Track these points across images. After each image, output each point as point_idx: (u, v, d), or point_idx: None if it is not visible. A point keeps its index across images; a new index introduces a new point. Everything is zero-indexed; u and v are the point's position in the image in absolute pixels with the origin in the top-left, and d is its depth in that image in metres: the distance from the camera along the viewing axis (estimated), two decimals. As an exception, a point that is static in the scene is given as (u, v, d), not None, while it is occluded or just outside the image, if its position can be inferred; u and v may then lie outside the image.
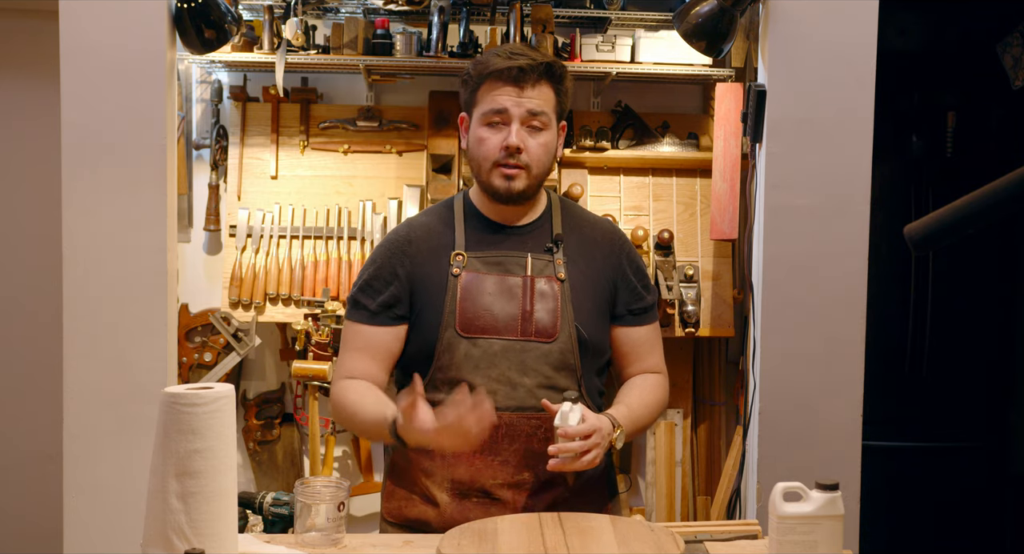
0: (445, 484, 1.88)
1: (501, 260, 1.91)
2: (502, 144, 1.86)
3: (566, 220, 1.98)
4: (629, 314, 1.98)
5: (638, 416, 1.91)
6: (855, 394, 2.69)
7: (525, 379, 1.85)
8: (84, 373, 2.54)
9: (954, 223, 1.53)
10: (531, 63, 1.87)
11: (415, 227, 1.98)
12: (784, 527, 1.52)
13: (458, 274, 1.89)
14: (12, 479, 3.52)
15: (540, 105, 1.88)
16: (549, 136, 1.91)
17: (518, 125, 1.87)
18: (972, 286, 3.53)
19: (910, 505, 3.48)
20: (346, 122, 3.22)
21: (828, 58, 2.66)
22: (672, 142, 3.24)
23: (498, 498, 1.86)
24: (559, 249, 1.93)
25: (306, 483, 1.68)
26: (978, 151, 3.49)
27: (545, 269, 1.91)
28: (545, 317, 1.87)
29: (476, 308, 1.86)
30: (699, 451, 3.33)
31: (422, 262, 1.92)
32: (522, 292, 1.88)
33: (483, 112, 1.89)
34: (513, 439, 1.84)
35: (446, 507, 1.87)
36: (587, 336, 1.89)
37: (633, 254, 2.02)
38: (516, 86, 1.87)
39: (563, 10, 3.08)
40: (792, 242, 2.68)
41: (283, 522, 2.53)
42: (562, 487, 1.88)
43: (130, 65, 2.52)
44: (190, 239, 3.28)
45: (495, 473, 1.85)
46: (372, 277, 1.93)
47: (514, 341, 1.86)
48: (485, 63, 1.91)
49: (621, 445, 1.83)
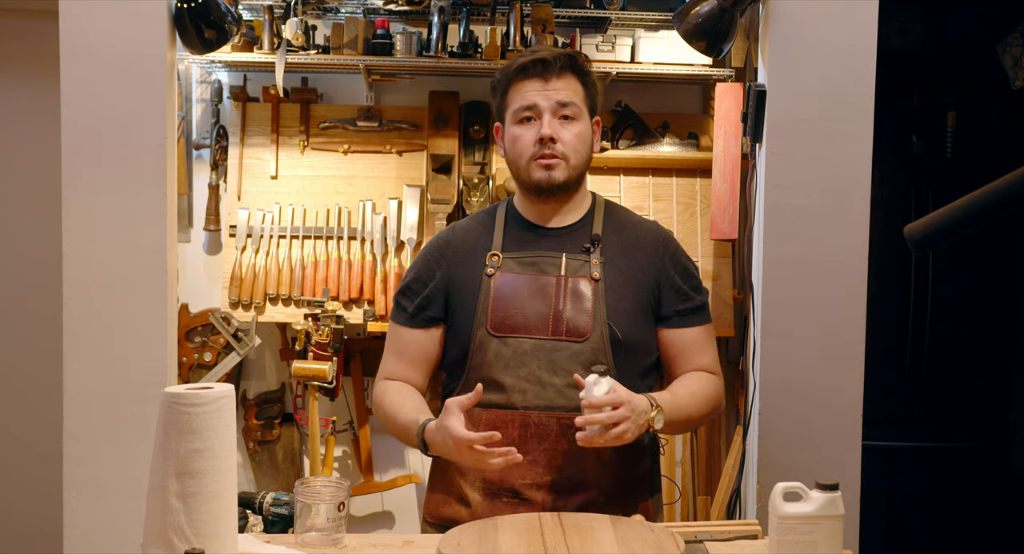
0: (477, 484, 1.89)
1: (536, 260, 1.92)
2: (536, 138, 1.88)
3: (609, 222, 1.98)
4: (676, 315, 1.96)
5: (683, 403, 1.87)
6: (855, 394, 2.69)
7: (555, 378, 1.85)
8: (84, 373, 2.54)
9: (954, 223, 1.53)
10: (553, 54, 1.90)
11: (457, 230, 2.02)
12: (784, 527, 1.52)
13: (492, 274, 1.91)
14: (12, 479, 3.52)
15: (568, 96, 1.90)
16: (582, 126, 1.92)
17: (550, 116, 1.88)
18: (972, 286, 3.53)
19: (910, 505, 3.48)
20: (346, 122, 3.22)
21: (828, 58, 2.66)
22: (672, 142, 3.24)
23: (527, 498, 1.85)
24: (596, 249, 1.93)
25: (306, 483, 1.68)
26: (978, 151, 3.49)
27: (580, 269, 1.91)
28: (577, 317, 1.87)
29: (508, 307, 1.88)
30: (699, 451, 3.33)
31: (459, 263, 1.95)
32: (555, 292, 1.89)
33: (514, 111, 1.92)
34: (542, 439, 1.84)
35: (477, 507, 1.88)
36: (621, 335, 1.88)
37: (680, 256, 2.00)
38: (542, 79, 1.89)
39: (563, 10, 3.08)
40: (792, 242, 2.68)
41: (283, 522, 2.53)
42: (595, 489, 1.86)
43: (130, 65, 2.52)
44: (190, 239, 3.28)
45: (524, 473, 1.85)
46: (412, 280, 1.98)
47: (545, 340, 1.86)
48: (510, 65, 1.94)
49: (660, 427, 1.79)
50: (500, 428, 1.83)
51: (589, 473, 1.85)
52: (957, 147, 3.49)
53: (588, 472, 1.85)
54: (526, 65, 1.90)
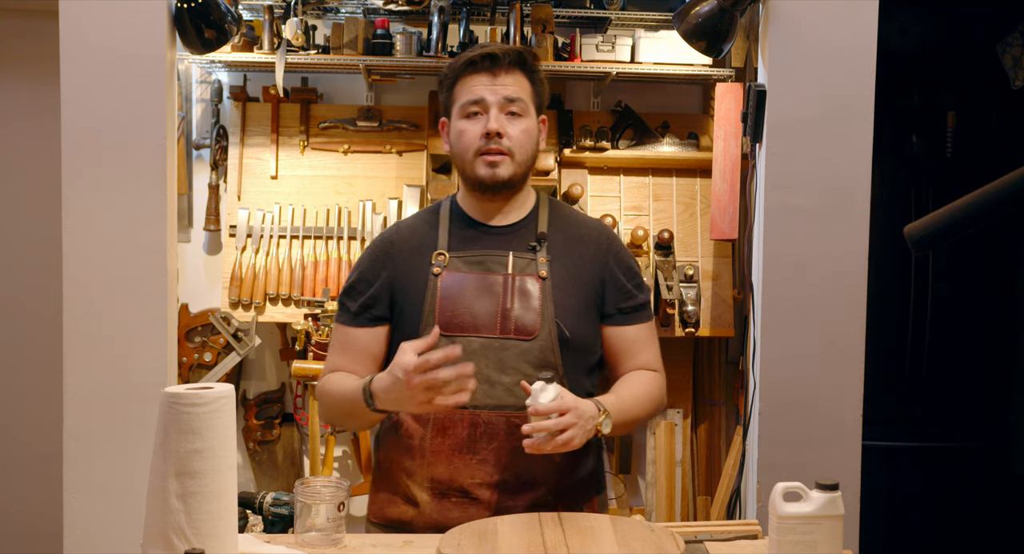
0: (425, 483, 1.87)
1: (482, 259, 1.91)
2: (482, 131, 1.87)
3: (553, 220, 1.98)
4: (619, 313, 1.96)
5: (628, 405, 1.88)
6: (855, 394, 2.69)
7: (503, 377, 1.84)
8: (84, 373, 2.54)
9: (954, 223, 1.53)
10: (502, 50, 1.89)
11: (400, 229, 2.00)
12: (784, 527, 1.52)
13: (439, 273, 1.89)
14: (12, 479, 3.52)
15: (516, 92, 1.89)
16: (529, 123, 1.91)
17: (496, 111, 1.87)
18: (972, 286, 3.53)
19: (910, 505, 3.48)
20: (346, 122, 3.22)
21: (828, 58, 2.66)
22: (672, 142, 3.24)
23: (476, 498, 1.84)
24: (542, 247, 1.92)
25: (306, 483, 1.68)
26: (978, 151, 3.49)
27: (527, 267, 1.90)
28: (525, 315, 1.86)
29: (455, 306, 1.86)
30: (699, 451, 3.33)
31: (404, 262, 1.92)
32: (502, 290, 1.88)
33: (461, 105, 1.90)
34: (492, 438, 1.83)
35: (425, 507, 1.86)
36: (569, 333, 1.88)
37: (623, 253, 2.00)
38: (490, 74, 1.88)
39: (563, 10, 3.08)
40: (792, 242, 2.68)
41: (283, 522, 2.53)
42: (544, 488, 1.86)
43: (130, 65, 2.52)
44: (190, 239, 3.28)
45: (473, 472, 1.84)
46: (356, 280, 1.95)
47: (493, 339, 1.85)
48: (457, 59, 1.93)
49: (608, 431, 1.80)
50: (449, 427, 1.83)
51: (538, 472, 1.84)
52: (957, 147, 3.49)
53: (537, 471, 1.84)
54: (474, 59, 1.88)
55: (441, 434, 1.84)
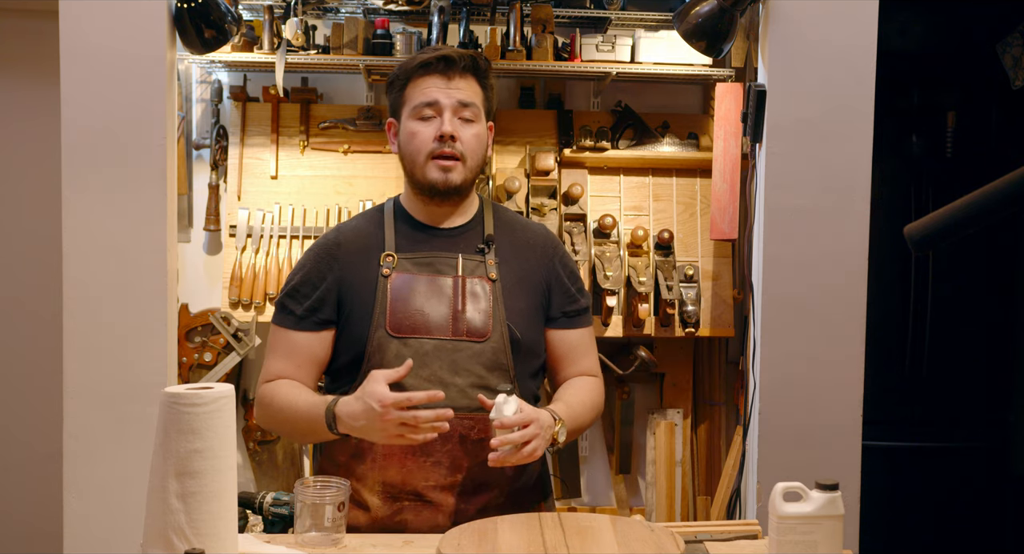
0: (376, 487, 1.85)
1: (431, 260, 1.90)
2: (435, 134, 1.86)
3: (498, 223, 1.98)
4: (563, 316, 1.97)
5: (577, 414, 1.88)
6: (855, 394, 2.70)
7: (457, 379, 1.83)
8: (84, 373, 2.54)
9: (954, 223, 1.53)
10: (457, 54, 1.89)
11: (344, 231, 1.96)
12: (784, 527, 1.52)
13: (388, 275, 1.87)
14: (12, 479, 3.52)
15: (470, 96, 1.89)
16: (480, 128, 1.91)
17: (450, 114, 1.87)
18: (972, 286, 3.53)
19: (910, 505, 3.49)
20: (346, 122, 3.22)
21: (828, 58, 2.67)
22: (672, 142, 3.24)
23: (430, 500, 1.83)
24: (490, 250, 1.92)
25: (306, 483, 1.68)
26: (978, 151, 3.49)
27: (476, 269, 1.90)
28: (477, 317, 1.86)
29: (407, 308, 1.85)
30: (699, 451, 3.33)
31: (351, 264, 1.90)
32: (453, 292, 1.87)
33: (413, 106, 1.88)
34: (445, 440, 1.81)
35: (377, 510, 1.84)
36: (520, 336, 1.88)
37: (566, 258, 2.01)
38: (444, 77, 1.87)
39: (563, 10, 3.08)
40: (792, 242, 2.68)
41: (283, 522, 2.53)
42: (496, 490, 1.86)
43: (130, 65, 2.52)
44: (190, 239, 3.28)
45: (427, 475, 1.82)
46: (300, 282, 1.91)
47: (446, 341, 1.84)
48: (410, 60, 1.91)
49: (564, 439, 1.80)
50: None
51: (491, 474, 1.83)
52: (957, 147, 3.49)
53: (490, 473, 1.82)
54: (429, 61, 1.87)
55: None
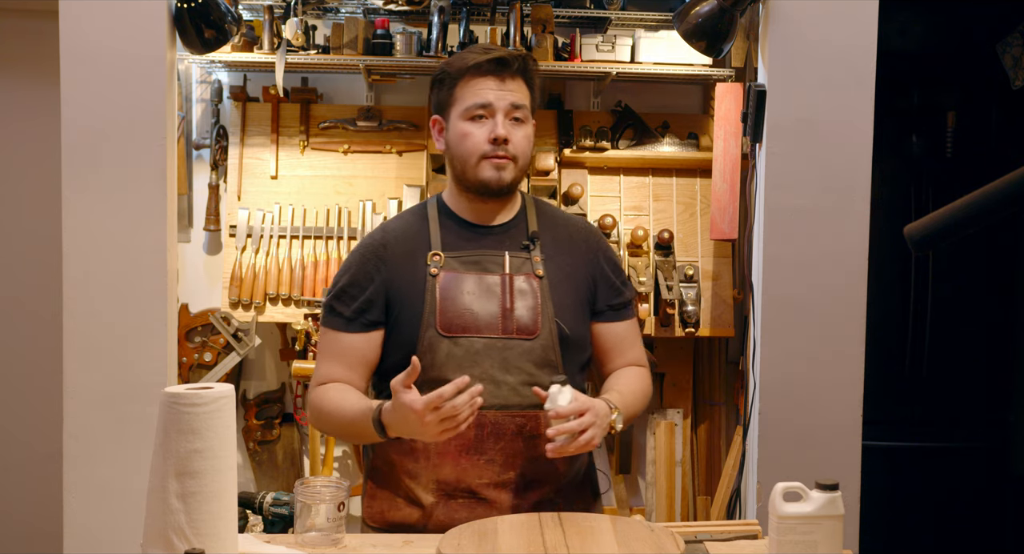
0: (431, 485, 1.86)
1: (478, 259, 1.90)
2: (489, 136, 1.86)
3: (541, 219, 1.98)
4: (609, 309, 1.98)
5: (630, 402, 1.90)
6: (855, 394, 2.69)
7: (508, 377, 1.84)
8: (84, 373, 2.54)
9: (954, 223, 1.53)
10: (511, 55, 1.89)
11: (390, 231, 1.96)
12: (784, 527, 1.52)
13: (436, 274, 1.87)
14: (12, 479, 3.52)
15: (520, 98, 1.89)
16: (530, 129, 1.92)
17: (503, 117, 1.87)
18: (972, 286, 3.53)
19: (910, 505, 3.48)
20: (346, 122, 3.22)
21: (828, 58, 2.66)
22: (672, 142, 3.24)
23: (484, 498, 1.84)
24: (536, 247, 1.93)
25: (306, 483, 1.68)
26: (978, 151, 3.48)
27: (523, 267, 1.90)
28: (525, 314, 1.87)
29: (456, 307, 1.85)
30: (699, 451, 3.33)
31: (398, 265, 1.90)
32: (501, 290, 1.88)
33: (465, 107, 1.88)
34: (498, 438, 1.83)
35: (431, 508, 1.86)
36: (568, 332, 1.89)
37: (609, 251, 2.02)
38: (497, 78, 1.88)
39: (563, 10, 3.08)
40: (792, 242, 2.68)
41: (283, 522, 2.53)
42: (548, 486, 1.87)
43: (130, 65, 2.52)
44: (190, 239, 3.28)
45: (481, 472, 1.84)
46: (348, 284, 1.91)
47: (495, 339, 1.85)
48: (462, 59, 1.91)
49: (621, 427, 1.81)
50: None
51: (543, 470, 1.85)
52: (957, 147, 3.49)
53: (542, 469, 1.84)
54: (482, 63, 1.88)
55: None
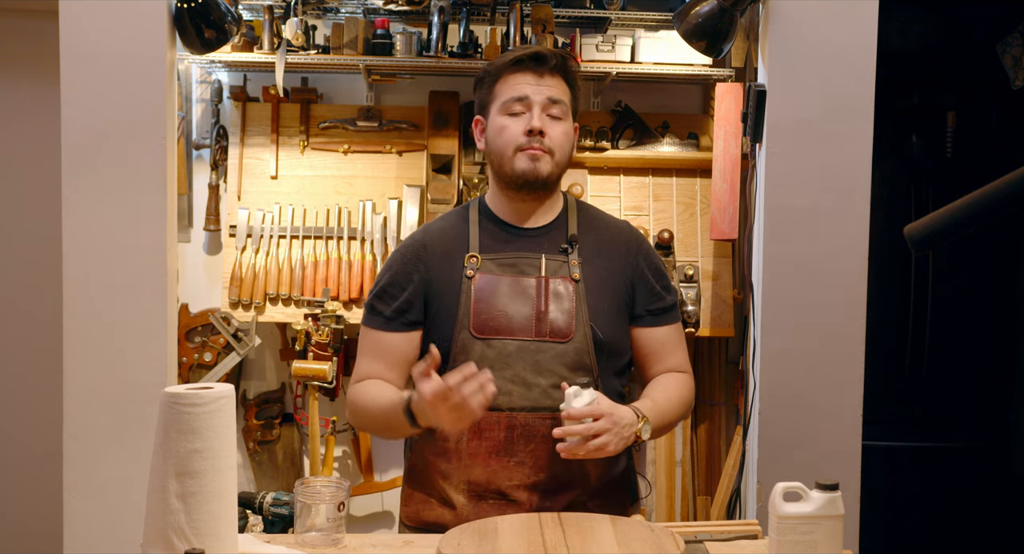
0: (462, 486, 1.87)
1: (515, 261, 1.91)
2: (524, 129, 1.87)
3: (582, 221, 1.98)
4: (649, 314, 1.97)
5: (664, 411, 1.89)
6: (855, 394, 2.69)
7: (540, 379, 1.84)
8: (84, 373, 2.54)
9: (954, 223, 1.53)
10: (550, 52, 1.91)
11: (430, 232, 1.99)
12: (784, 527, 1.52)
13: (472, 276, 1.88)
14: (12, 479, 3.52)
15: (559, 94, 1.90)
16: (568, 126, 1.93)
17: (539, 110, 1.88)
18: (972, 286, 3.53)
19: (910, 505, 3.48)
20: (346, 122, 3.22)
21: (828, 58, 2.66)
22: (672, 142, 3.24)
23: (514, 500, 1.85)
24: (574, 250, 1.93)
25: (306, 483, 1.68)
26: (978, 151, 3.49)
27: (560, 270, 1.91)
28: (560, 317, 1.87)
29: (490, 309, 1.86)
30: (699, 451, 3.33)
31: (436, 266, 1.92)
32: (536, 293, 1.88)
33: (503, 102, 1.90)
34: (529, 440, 1.84)
35: (463, 509, 1.87)
36: (602, 336, 1.88)
37: (651, 255, 2.01)
38: (535, 73, 1.89)
39: (563, 10, 3.08)
40: (792, 242, 2.68)
41: (283, 522, 2.53)
42: (580, 488, 1.87)
43: (130, 65, 2.52)
44: (190, 239, 3.28)
45: (511, 474, 1.84)
46: (388, 283, 1.94)
47: (529, 341, 1.85)
48: (501, 58, 1.93)
49: (648, 437, 1.81)
50: (486, 430, 1.83)
51: (574, 473, 1.85)
52: (957, 147, 3.49)
53: (573, 472, 1.85)
54: (521, 58, 1.89)
55: (478, 437, 1.84)
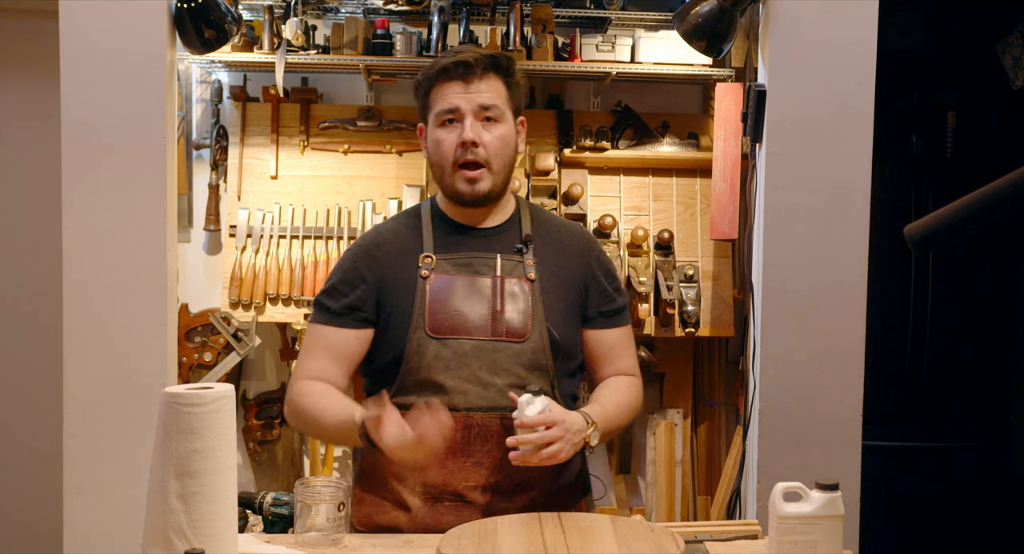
0: (417, 488, 1.85)
1: (470, 261, 1.90)
2: (458, 141, 1.86)
3: (535, 223, 1.97)
4: (600, 316, 1.96)
5: (612, 415, 1.89)
6: (855, 394, 2.69)
7: (496, 379, 1.83)
8: (84, 373, 2.54)
9: (954, 223, 1.53)
10: (476, 57, 1.88)
11: (383, 232, 1.97)
12: (784, 527, 1.52)
13: (427, 276, 1.87)
14: (12, 479, 3.52)
15: (491, 98, 1.88)
16: (505, 129, 1.90)
17: (471, 119, 1.86)
18: (972, 286, 3.53)
19: (910, 505, 3.48)
20: (346, 122, 3.22)
21: (828, 58, 2.67)
22: (672, 142, 3.24)
23: (471, 501, 1.83)
24: (528, 250, 1.92)
25: (306, 483, 1.68)
26: (978, 151, 3.48)
27: (515, 270, 1.90)
28: (516, 317, 1.86)
29: (446, 309, 1.85)
30: (699, 451, 3.33)
31: (390, 265, 1.90)
32: (492, 292, 1.87)
33: (436, 114, 1.90)
34: (485, 440, 1.82)
35: (418, 512, 1.85)
36: (558, 336, 1.88)
37: (603, 257, 2.01)
38: (464, 82, 1.87)
39: (563, 10, 3.08)
40: (792, 242, 2.68)
41: (283, 522, 2.53)
42: (536, 490, 1.86)
43: (130, 65, 2.52)
44: (190, 239, 3.28)
45: (468, 475, 1.83)
46: (339, 281, 1.92)
47: (485, 341, 1.84)
48: (432, 66, 1.92)
49: (596, 443, 1.81)
50: None
51: (531, 474, 1.83)
52: (957, 147, 3.49)
53: (530, 473, 1.83)
54: (448, 67, 1.88)
55: None
